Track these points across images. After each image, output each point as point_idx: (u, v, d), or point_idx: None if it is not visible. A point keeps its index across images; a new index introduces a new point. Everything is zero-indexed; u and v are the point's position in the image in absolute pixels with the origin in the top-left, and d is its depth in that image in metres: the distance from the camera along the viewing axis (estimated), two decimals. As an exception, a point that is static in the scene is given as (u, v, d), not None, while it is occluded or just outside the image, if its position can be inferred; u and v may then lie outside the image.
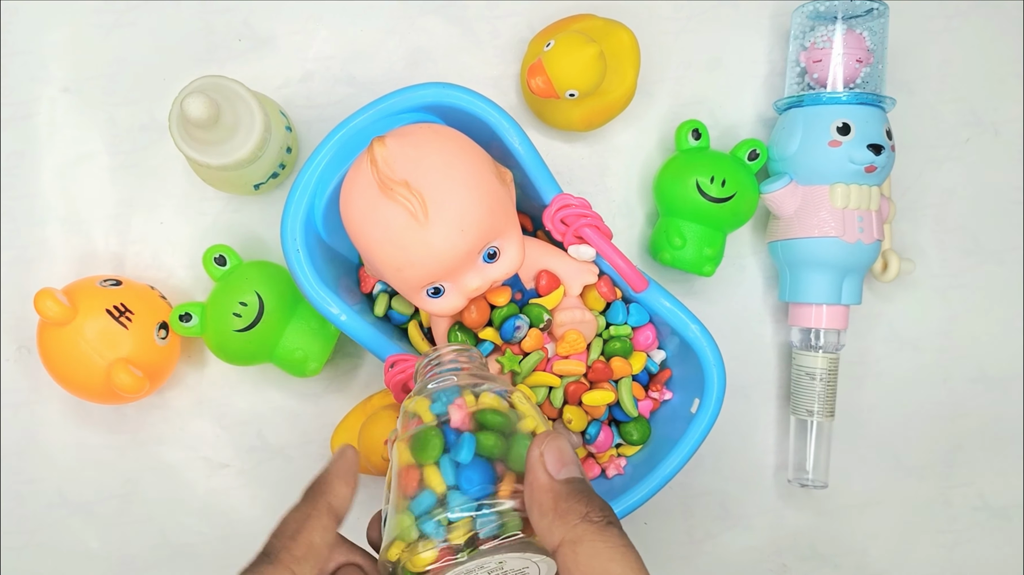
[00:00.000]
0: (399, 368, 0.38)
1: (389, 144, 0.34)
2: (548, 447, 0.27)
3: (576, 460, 0.28)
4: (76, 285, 0.43)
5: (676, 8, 0.48)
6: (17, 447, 0.46)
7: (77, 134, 0.47)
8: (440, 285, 0.36)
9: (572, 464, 0.27)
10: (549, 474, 0.27)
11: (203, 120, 0.36)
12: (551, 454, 0.27)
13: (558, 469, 0.27)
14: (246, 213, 0.47)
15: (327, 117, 0.47)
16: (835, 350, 0.45)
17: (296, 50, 0.47)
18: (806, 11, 0.45)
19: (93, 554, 0.47)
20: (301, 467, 0.47)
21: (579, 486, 0.27)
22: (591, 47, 0.40)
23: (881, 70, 0.44)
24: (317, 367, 0.43)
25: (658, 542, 0.48)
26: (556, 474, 0.27)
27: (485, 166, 0.36)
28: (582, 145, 0.48)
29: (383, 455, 0.41)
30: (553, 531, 0.26)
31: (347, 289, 0.41)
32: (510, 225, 0.36)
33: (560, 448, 0.27)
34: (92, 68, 0.47)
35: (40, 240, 0.46)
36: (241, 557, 0.47)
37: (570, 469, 0.27)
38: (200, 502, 0.47)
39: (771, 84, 0.48)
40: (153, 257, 0.47)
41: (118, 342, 0.41)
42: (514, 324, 0.39)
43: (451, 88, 0.38)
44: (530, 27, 0.47)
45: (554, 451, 0.27)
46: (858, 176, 0.43)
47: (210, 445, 0.47)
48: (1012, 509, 0.49)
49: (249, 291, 0.42)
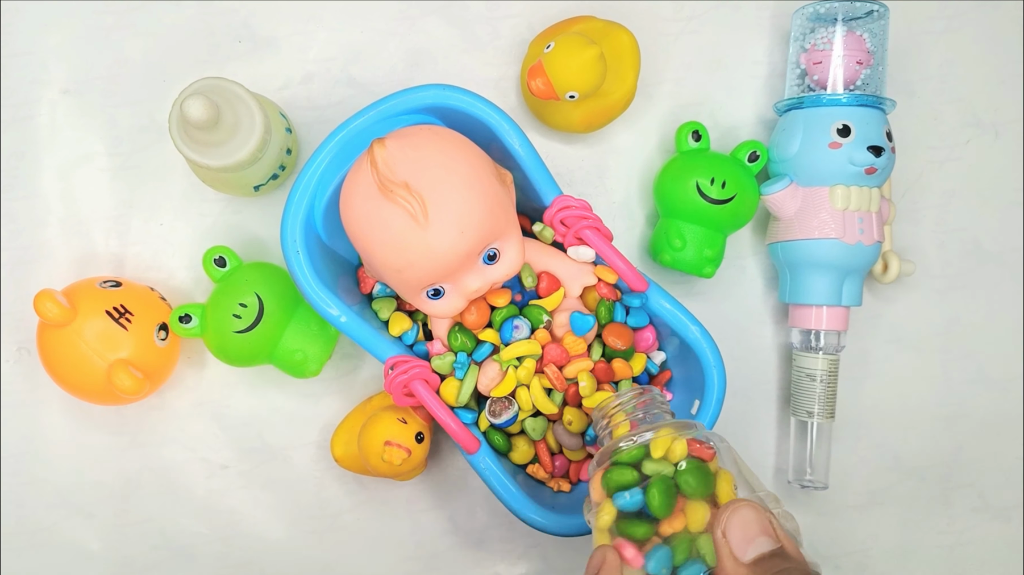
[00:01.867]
0: (399, 370, 0.38)
1: (389, 146, 0.34)
2: (730, 525, 0.25)
3: (767, 528, 0.24)
4: (76, 286, 0.43)
5: (676, 9, 0.48)
6: (17, 448, 0.46)
7: (77, 135, 0.46)
8: (440, 286, 0.36)
9: (762, 536, 0.24)
10: (735, 558, 0.24)
11: (203, 122, 0.36)
12: (734, 532, 0.24)
13: (744, 549, 0.24)
14: (246, 214, 0.47)
15: (327, 119, 0.47)
16: (835, 351, 0.45)
17: (296, 52, 0.47)
18: (806, 13, 0.45)
19: (93, 555, 0.47)
20: (301, 468, 0.47)
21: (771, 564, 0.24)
22: (591, 49, 0.40)
23: (881, 72, 0.44)
24: (317, 368, 0.43)
25: (658, 543, 0.48)
26: (743, 556, 0.24)
27: (485, 167, 0.36)
28: (582, 146, 0.48)
29: (383, 456, 0.41)
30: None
31: (347, 290, 0.41)
32: (510, 227, 0.36)
33: (744, 522, 0.24)
34: (92, 70, 0.47)
35: (40, 241, 0.46)
36: (241, 557, 0.47)
37: (759, 544, 0.24)
38: (200, 503, 0.47)
39: (771, 86, 0.48)
40: (153, 258, 0.47)
41: (118, 343, 0.41)
42: (513, 325, 0.39)
43: (451, 90, 0.38)
44: (530, 28, 0.47)
45: (736, 528, 0.24)
46: (858, 178, 0.43)
47: (210, 446, 0.47)
48: (1012, 510, 0.49)
49: (249, 292, 0.42)
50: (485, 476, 0.39)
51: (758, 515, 0.25)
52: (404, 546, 0.47)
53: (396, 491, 0.47)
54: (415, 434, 0.41)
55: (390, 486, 0.47)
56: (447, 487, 0.47)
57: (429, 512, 0.47)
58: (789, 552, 0.24)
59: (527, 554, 0.47)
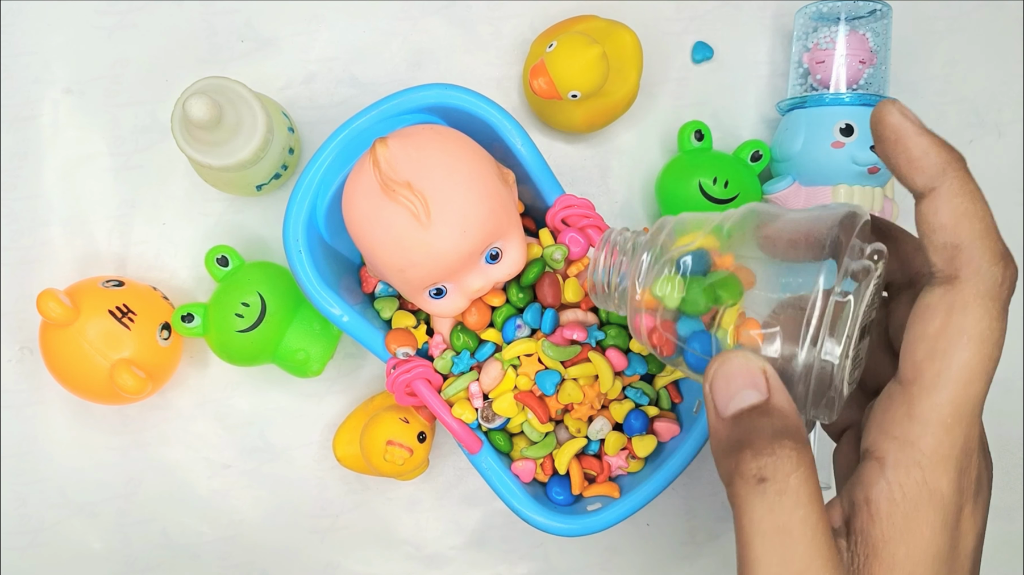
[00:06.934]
0: (401, 370, 0.38)
1: (391, 145, 0.34)
2: (715, 377, 0.24)
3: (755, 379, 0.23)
4: (78, 286, 0.43)
5: (678, 9, 0.48)
6: (19, 448, 0.46)
7: (80, 135, 0.47)
8: (442, 286, 0.36)
9: (746, 389, 0.23)
10: (716, 412, 0.24)
11: (205, 121, 0.36)
12: (718, 385, 0.24)
13: (726, 404, 0.23)
14: (248, 214, 0.47)
15: (329, 118, 0.47)
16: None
17: (299, 51, 0.47)
18: (809, 12, 0.45)
19: (95, 554, 0.47)
20: (303, 468, 0.47)
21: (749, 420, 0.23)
22: (594, 48, 0.40)
23: (884, 71, 0.44)
24: (319, 368, 0.43)
25: (661, 543, 0.48)
26: (724, 411, 0.23)
27: (487, 167, 0.36)
28: (584, 146, 0.48)
29: (385, 455, 0.41)
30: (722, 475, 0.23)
31: (349, 289, 0.41)
32: (512, 226, 0.36)
33: (728, 375, 0.23)
34: (95, 69, 0.47)
35: (42, 241, 0.46)
36: (243, 557, 0.47)
37: (742, 398, 0.23)
38: (202, 502, 0.47)
39: (774, 85, 0.48)
40: (155, 258, 0.47)
41: (120, 343, 0.41)
42: (515, 324, 0.39)
43: (453, 89, 0.38)
44: (533, 28, 0.47)
45: (720, 381, 0.24)
46: (861, 177, 0.43)
47: (212, 445, 0.47)
48: (1014, 510, 0.49)
49: (251, 292, 0.42)
50: (487, 476, 0.39)
51: (746, 365, 0.24)
52: (406, 546, 0.47)
53: (398, 491, 0.47)
54: (417, 434, 0.41)
55: (392, 486, 0.47)
56: (449, 487, 0.47)
57: (431, 512, 0.47)
58: (774, 405, 0.23)
59: (529, 554, 0.47)
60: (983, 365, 0.22)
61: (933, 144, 0.23)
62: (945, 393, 0.22)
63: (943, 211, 0.23)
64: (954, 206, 0.23)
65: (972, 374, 0.22)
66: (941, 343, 0.22)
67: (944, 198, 0.23)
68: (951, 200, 0.23)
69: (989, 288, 0.22)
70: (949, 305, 0.22)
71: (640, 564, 0.48)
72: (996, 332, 0.22)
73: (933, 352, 0.23)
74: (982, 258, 0.22)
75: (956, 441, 0.23)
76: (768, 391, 0.23)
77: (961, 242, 0.23)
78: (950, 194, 0.23)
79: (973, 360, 0.22)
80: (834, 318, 0.24)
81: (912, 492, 0.23)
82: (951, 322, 0.22)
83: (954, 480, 0.23)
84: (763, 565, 0.22)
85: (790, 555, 0.22)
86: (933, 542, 0.23)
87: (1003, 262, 0.23)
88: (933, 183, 0.23)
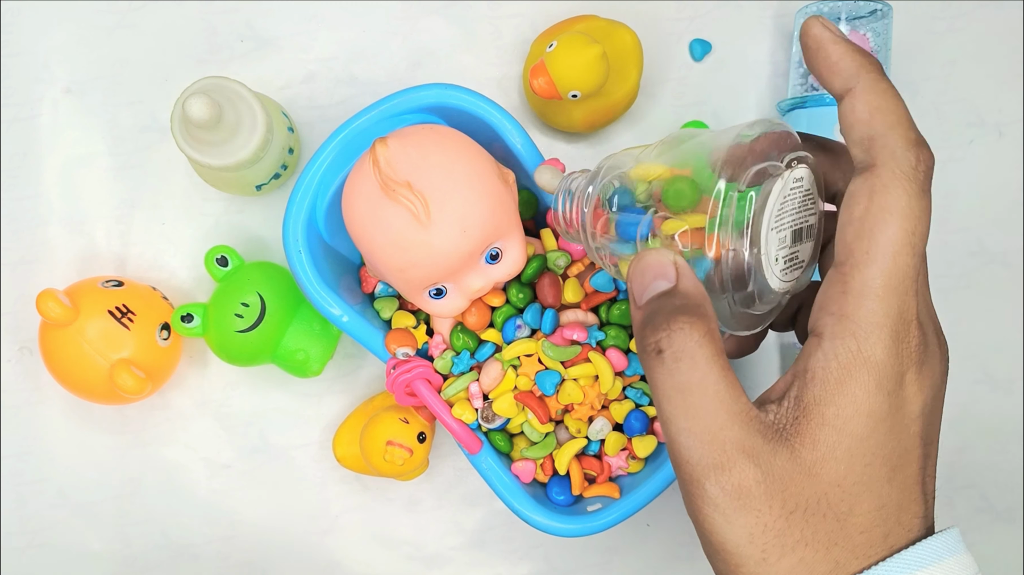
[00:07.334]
0: (401, 370, 0.38)
1: (391, 145, 0.34)
2: (632, 273, 0.26)
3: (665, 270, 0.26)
4: (78, 286, 0.43)
5: (679, 9, 0.48)
6: (19, 448, 0.46)
7: (79, 135, 0.46)
8: (442, 286, 0.36)
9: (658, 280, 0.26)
10: (635, 303, 0.26)
11: (205, 121, 0.36)
12: (634, 279, 0.26)
13: (642, 295, 0.26)
14: (248, 214, 0.47)
15: (329, 118, 0.47)
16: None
17: (298, 51, 0.47)
18: (809, 12, 0.45)
19: (95, 554, 0.47)
20: (303, 468, 0.47)
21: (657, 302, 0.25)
22: (594, 48, 0.40)
23: (884, 71, 0.44)
24: (319, 368, 0.43)
25: (661, 543, 0.48)
26: (639, 300, 0.26)
27: (487, 167, 0.36)
28: (584, 146, 0.48)
29: (385, 456, 0.41)
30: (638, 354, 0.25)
31: (349, 290, 0.41)
32: (512, 226, 0.36)
33: (642, 269, 0.26)
34: (94, 69, 0.47)
35: (42, 241, 0.46)
36: (243, 557, 0.47)
37: (653, 287, 0.25)
38: (202, 503, 0.47)
39: (774, 85, 0.48)
40: (155, 258, 0.47)
41: (120, 343, 0.41)
42: (515, 324, 0.38)
43: (453, 89, 0.38)
44: (533, 28, 0.47)
45: (636, 275, 0.26)
46: (861, 177, 0.43)
47: (212, 446, 0.47)
48: (1015, 511, 0.49)
49: (251, 292, 0.42)
50: (487, 476, 0.39)
51: (658, 258, 0.26)
52: (406, 546, 0.47)
53: (398, 491, 0.47)
54: (417, 434, 0.41)
55: (392, 486, 0.47)
56: (449, 487, 0.47)
57: (431, 512, 0.47)
58: (680, 289, 0.25)
59: (529, 555, 0.47)
60: (908, 238, 0.24)
61: (849, 50, 0.26)
62: (875, 267, 0.24)
63: (858, 107, 0.25)
64: (867, 101, 0.25)
65: (898, 246, 0.24)
66: (867, 223, 0.24)
67: (859, 96, 0.25)
68: (864, 97, 0.25)
69: (905, 170, 0.24)
70: (871, 188, 0.24)
71: (640, 564, 0.48)
72: (916, 208, 0.24)
73: (860, 232, 0.24)
74: (896, 145, 0.24)
75: (890, 310, 0.24)
76: (676, 279, 0.25)
77: (875, 133, 0.24)
78: (864, 92, 0.25)
79: (897, 234, 0.24)
80: (738, 215, 0.26)
81: (845, 359, 0.24)
82: (873, 203, 0.24)
83: (889, 347, 0.24)
84: (673, 420, 0.25)
85: (693, 410, 0.24)
86: (866, 402, 0.24)
87: (916, 147, 0.24)
88: (849, 83, 0.25)
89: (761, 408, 0.25)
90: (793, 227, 0.28)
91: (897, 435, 0.25)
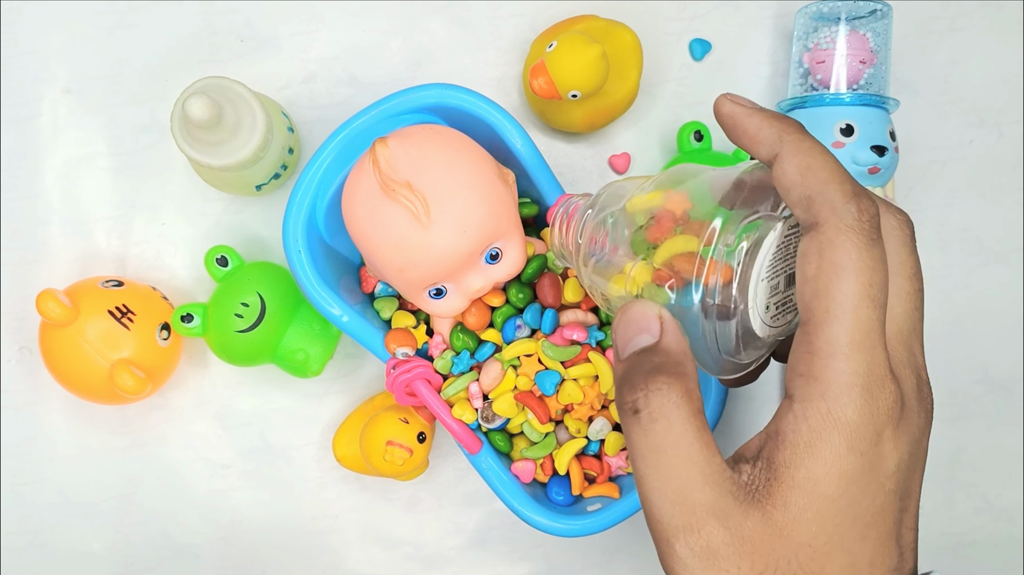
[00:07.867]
0: (401, 370, 0.38)
1: (391, 145, 0.34)
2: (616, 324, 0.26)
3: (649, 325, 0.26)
4: (78, 286, 0.43)
5: (679, 9, 0.48)
6: (18, 448, 0.46)
7: (79, 135, 0.46)
8: (442, 286, 0.36)
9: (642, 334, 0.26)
10: (618, 356, 0.26)
11: (205, 121, 0.36)
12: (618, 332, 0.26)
13: (624, 348, 0.26)
14: (248, 214, 0.47)
15: (329, 118, 0.47)
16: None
17: (298, 51, 0.47)
18: (809, 12, 0.45)
19: (94, 555, 0.47)
20: (303, 468, 0.47)
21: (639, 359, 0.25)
22: (594, 48, 0.40)
23: (884, 71, 0.44)
24: (319, 368, 0.43)
25: (660, 544, 0.48)
26: (622, 354, 0.26)
27: (487, 167, 0.36)
28: (584, 146, 0.48)
29: (385, 456, 0.41)
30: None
31: (348, 290, 0.41)
32: (512, 226, 0.36)
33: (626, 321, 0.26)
34: (94, 69, 0.47)
35: (42, 241, 0.46)
36: (243, 557, 0.47)
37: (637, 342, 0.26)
38: (202, 503, 0.47)
39: (774, 85, 0.48)
40: (155, 258, 0.47)
41: (120, 343, 0.41)
42: (515, 324, 0.38)
43: (453, 89, 0.38)
44: (533, 28, 0.47)
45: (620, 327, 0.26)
46: (862, 177, 0.43)
47: (212, 446, 0.47)
48: (1015, 510, 0.49)
49: (251, 292, 0.42)
50: (487, 476, 0.39)
51: (643, 311, 0.26)
52: (406, 546, 0.47)
53: (398, 491, 0.47)
54: (417, 434, 0.41)
55: (392, 486, 0.47)
56: (449, 487, 0.47)
57: (431, 512, 0.47)
58: (662, 346, 0.25)
59: (529, 555, 0.47)
60: (864, 291, 0.23)
61: (765, 118, 0.26)
62: (836, 324, 0.24)
63: (789, 170, 0.25)
64: (796, 163, 0.25)
65: (856, 300, 0.24)
66: (821, 281, 0.24)
67: (787, 159, 0.25)
68: (792, 159, 0.25)
69: (849, 223, 0.24)
70: (819, 246, 0.24)
71: (640, 564, 0.48)
72: (868, 259, 0.24)
73: (816, 290, 0.24)
74: (834, 200, 0.24)
75: (858, 368, 0.24)
76: (660, 334, 0.26)
77: (812, 192, 0.24)
78: (791, 155, 0.25)
79: (853, 288, 0.23)
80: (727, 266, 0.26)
81: (816, 422, 0.24)
82: (824, 260, 0.24)
83: (860, 407, 0.24)
84: (646, 480, 0.25)
85: (665, 471, 0.24)
86: (836, 464, 0.24)
87: (855, 198, 0.24)
88: (774, 149, 0.25)
89: (735, 468, 0.25)
90: (788, 272, 0.27)
91: (871, 494, 0.24)
